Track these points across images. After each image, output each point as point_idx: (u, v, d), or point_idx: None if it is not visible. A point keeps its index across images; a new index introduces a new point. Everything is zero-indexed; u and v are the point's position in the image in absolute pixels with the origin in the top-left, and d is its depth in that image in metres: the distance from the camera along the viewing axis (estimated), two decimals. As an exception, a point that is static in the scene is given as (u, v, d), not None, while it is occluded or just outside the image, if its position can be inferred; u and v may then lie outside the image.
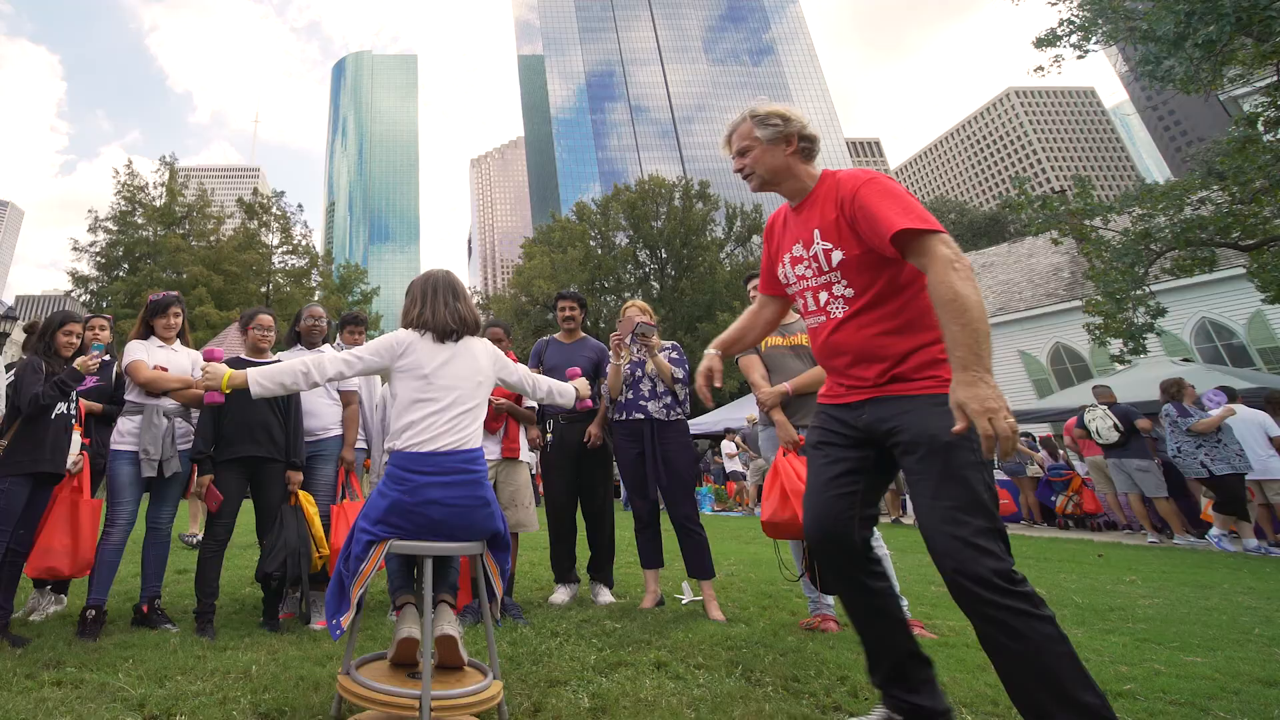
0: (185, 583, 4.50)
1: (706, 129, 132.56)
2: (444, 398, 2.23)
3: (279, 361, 3.70)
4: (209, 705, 2.19)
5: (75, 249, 34.57)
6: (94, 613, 3.16)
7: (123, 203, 35.32)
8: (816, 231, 2.05)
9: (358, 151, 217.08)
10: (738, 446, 14.66)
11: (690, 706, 2.25)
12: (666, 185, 31.48)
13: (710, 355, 2.49)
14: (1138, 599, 4.36)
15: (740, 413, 16.70)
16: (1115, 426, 8.35)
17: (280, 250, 36.98)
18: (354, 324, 4.59)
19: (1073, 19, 11.09)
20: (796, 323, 3.98)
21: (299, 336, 4.11)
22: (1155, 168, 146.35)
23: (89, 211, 35.35)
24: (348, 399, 4.01)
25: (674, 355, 4.16)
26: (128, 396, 3.45)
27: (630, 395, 4.07)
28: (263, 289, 35.25)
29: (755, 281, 4.13)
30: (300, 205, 38.16)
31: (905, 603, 3.57)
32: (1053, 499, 10.30)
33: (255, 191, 37.93)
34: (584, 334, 4.67)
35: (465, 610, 3.58)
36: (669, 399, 4.07)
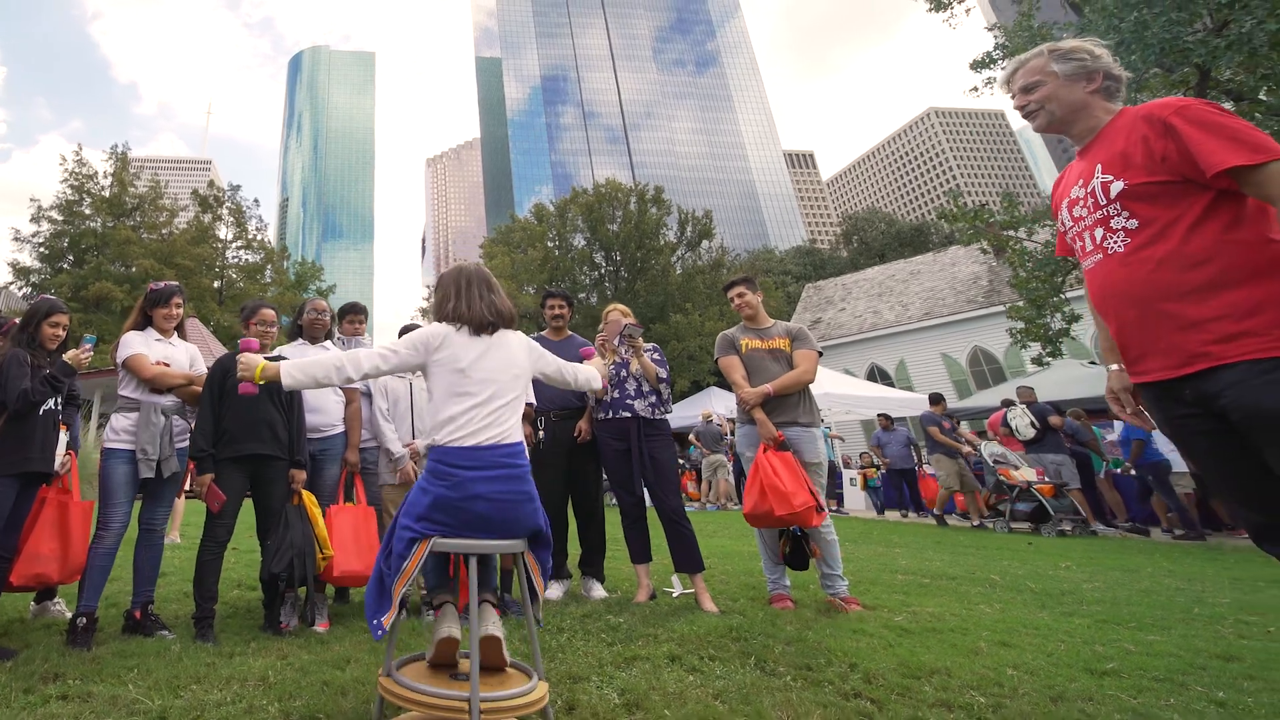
0: (165, 586, 4.22)
1: (653, 136, 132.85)
2: (482, 391, 2.11)
3: (279, 357, 3.50)
4: (236, 715, 2.02)
5: (17, 239, 31.87)
6: (85, 620, 2.87)
7: (70, 191, 32.50)
8: (1099, 165, 1.79)
9: (313, 147, 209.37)
10: (694, 444, 14.55)
11: (718, 698, 2.21)
12: (623, 190, 31.46)
13: (1114, 372, 1.95)
14: (1080, 583, 4.50)
15: (689, 411, 16.70)
16: (1033, 424, 8.76)
17: (235, 245, 35.23)
18: (354, 313, 4.35)
19: (1006, 44, 11.58)
20: (774, 327, 4.05)
21: (301, 330, 3.87)
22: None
23: (31, 200, 32.65)
24: (350, 396, 3.78)
25: (656, 356, 4.15)
26: (123, 391, 3.14)
27: (616, 394, 4.03)
28: (215, 284, 33.51)
29: (735, 289, 4.16)
30: (256, 200, 36.52)
31: (846, 584, 3.67)
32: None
33: (211, 184, 35.99)
34: (571, 332, 4.60)
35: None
36: (654, 398, 4.05)
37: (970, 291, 22.30)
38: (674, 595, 3.94)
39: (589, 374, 2.66)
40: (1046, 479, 8.33)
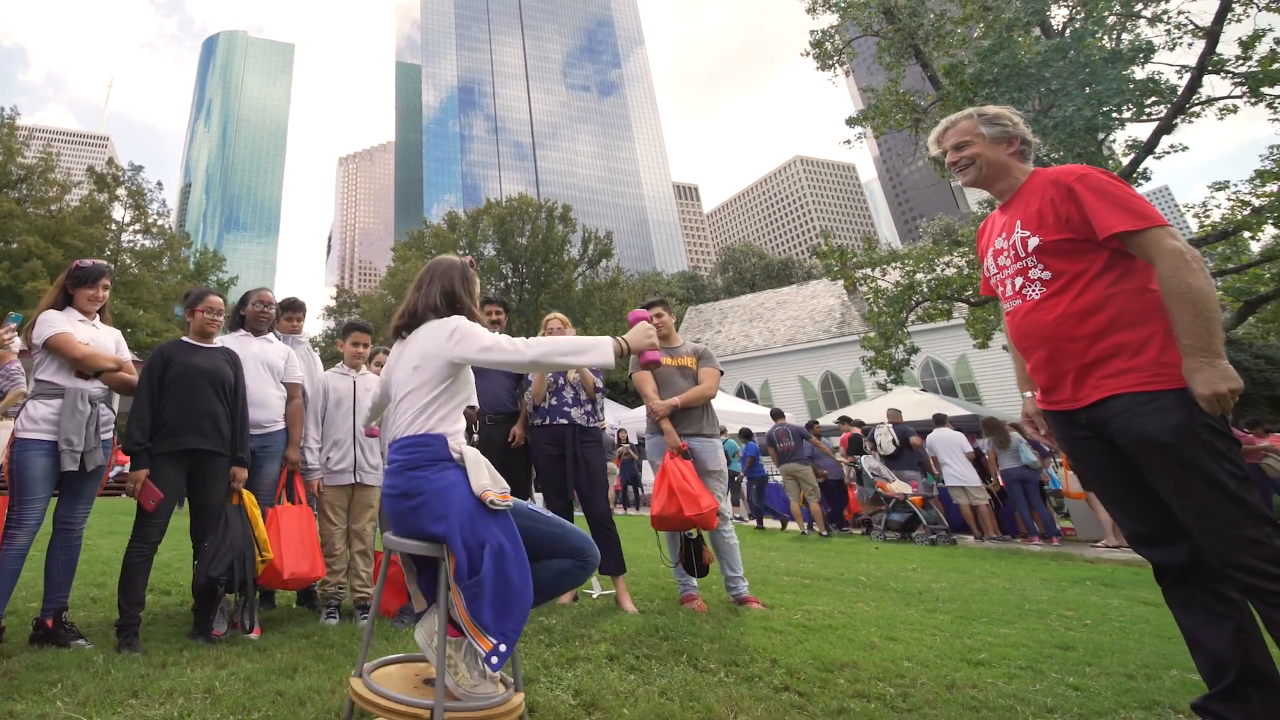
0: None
1: (558, 155, 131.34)
2: None
3: (223, 348, 3.10)
4: (189, 733, 1.79)
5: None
6: (-10, 631, 2.40)
7: (-57, 155, 27.28)
8: (1018, 222, 1.92)
9: (221, 134, 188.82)
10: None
11: (664, 696, 2.15)
12: (534, 205, 30.97)
13: (1027, 399, 2.08)
14: (930, 583, 4.62)
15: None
16: (894, 441, 9.41)
17: (132, 228, 30.91)
18: (292, 310, 3.90)
19: (876, 105, 12.61)
20: (682, 346, 4.12)
21: (243, 321, 3.44)
22: (890, 233, 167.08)
23: (-109, 163, 27.20)
24: (292, 392, 3.39)
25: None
26: (42, 376, 2.64)
27: (554, 402, 3.94)
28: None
29: (656, 308, 4.20)
30: (160, 183, 32.21)
31: (746, 584, 3.74)
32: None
33: (110, 162, 31.35)
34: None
35: (402, 612, 3.25)
36: (590, 406, 3.99)
37: (826, 322, 23.84)
38: (594, 596, 3.88)
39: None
40: (919, 491, 8.37)
